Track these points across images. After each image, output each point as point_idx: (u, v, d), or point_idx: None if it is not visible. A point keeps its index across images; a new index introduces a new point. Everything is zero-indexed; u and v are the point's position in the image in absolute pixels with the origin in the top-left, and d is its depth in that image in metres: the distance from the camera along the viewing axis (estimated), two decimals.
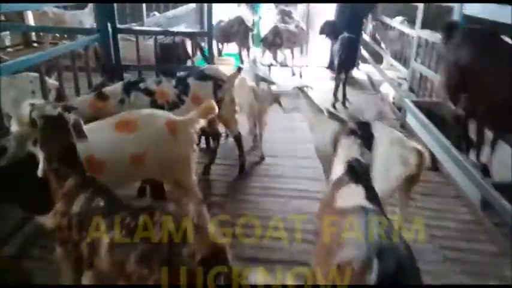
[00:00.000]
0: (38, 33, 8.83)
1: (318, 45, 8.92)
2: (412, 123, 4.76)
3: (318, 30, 7.04)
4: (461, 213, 3.48)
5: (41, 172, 1.88)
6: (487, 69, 3.34)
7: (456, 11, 4.43)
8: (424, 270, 1.67)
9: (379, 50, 7.96)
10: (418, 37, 5.39)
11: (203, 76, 3.61)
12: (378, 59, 8.16)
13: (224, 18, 7.81)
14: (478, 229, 3.26)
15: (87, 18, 8.10)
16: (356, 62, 7.53)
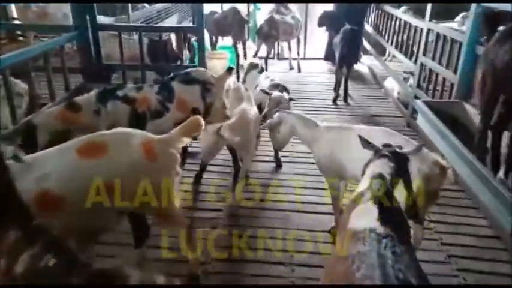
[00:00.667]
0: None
1: (316, 36, 8.48)
2: (424, 128, 4.41)
3: (317, 22, 6.61)
4: (479, 226, 3.14)
5: None
6: None
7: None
8: None
9: (382, 41, 7.52)
10: (427, 29, 4.97)
11: (189, 79, 3.23)
12: (380, 50, 7.76)
13: (217, 9, 7.35)
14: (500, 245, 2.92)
15: None
16: (359, 56, 7.08)
